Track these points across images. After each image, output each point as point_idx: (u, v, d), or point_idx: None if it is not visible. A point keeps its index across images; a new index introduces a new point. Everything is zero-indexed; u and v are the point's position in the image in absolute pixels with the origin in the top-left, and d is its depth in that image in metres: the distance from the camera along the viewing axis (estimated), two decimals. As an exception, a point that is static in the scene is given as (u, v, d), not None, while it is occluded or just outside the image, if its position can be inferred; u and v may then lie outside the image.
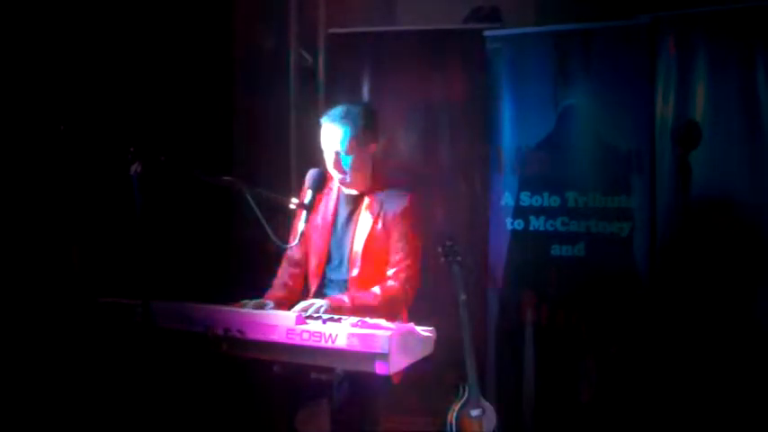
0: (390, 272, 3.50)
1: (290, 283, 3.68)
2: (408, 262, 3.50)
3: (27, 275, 3.98)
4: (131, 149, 2.80)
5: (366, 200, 3.58)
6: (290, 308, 3.39)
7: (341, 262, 3.58)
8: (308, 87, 5.55)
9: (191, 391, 3.93)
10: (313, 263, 3.64)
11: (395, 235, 3.50)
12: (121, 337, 3.27)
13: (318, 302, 3.28)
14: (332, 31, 5.47)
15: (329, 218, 3.63)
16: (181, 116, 4.61)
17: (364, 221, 3.54)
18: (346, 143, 3.47)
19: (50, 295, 4.00)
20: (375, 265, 3.52)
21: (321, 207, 3.65)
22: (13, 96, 3.97)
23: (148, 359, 2.86)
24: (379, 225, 3.51)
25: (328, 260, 3.62)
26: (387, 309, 3.39)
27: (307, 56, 5.53)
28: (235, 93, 5.23)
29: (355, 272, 3.51)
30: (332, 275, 3.61)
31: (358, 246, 3.52)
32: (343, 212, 3.63)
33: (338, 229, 3.62)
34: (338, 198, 3.65)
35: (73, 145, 3.35)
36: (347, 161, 3.50)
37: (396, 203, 3.52)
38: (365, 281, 3.49)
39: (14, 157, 3.97)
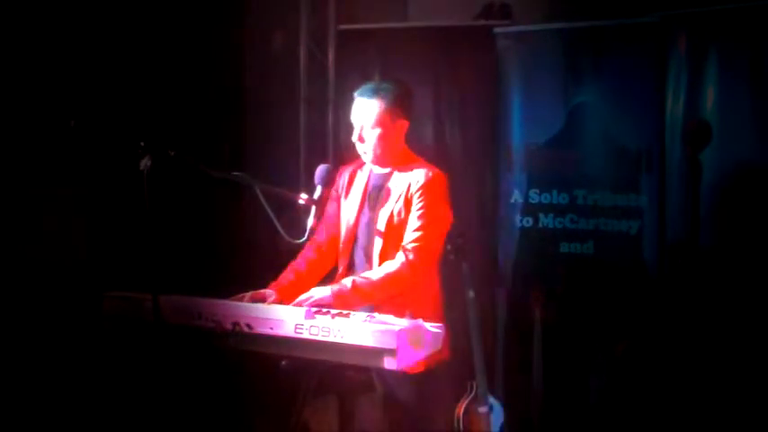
0: (403, 246, 3.41)
1: (302, 270, 3.62)
2: (422, 235, 3.40)
3: (36, 271, 4.00)
4: (141, 144, 2.81)
5: (393, 176, 3.52)
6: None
7: (367, 240, 3.53)
8: (318, 84, 5.56)
9: (199, 386, 3.95)
10: (342, 242, 3.59)
11: (414, 209, 3.43)
12: (130, 331, 3.29)
13: (317, 292, 3.28)
14: (342, 27, 5.47)
15: (359, 197, 3.58)
16: (191, 111, 4.63)
17: (390, 198, 3.48)
18: (373, 117, 3.43)
19: (59, 289, 4.02)
20: (398, 241, 3.44)
21: (353, 186, 3.61)
22: (24, 92, 4.00)
23: (157, 353, 2.87)
24: (402, 201, 3.44)
25: (356, 239, 3.58)
26: (392, 285, 3.36)
27: (317, 52, 5.53)
28: (245, 88, 5.25)
29: (378, 248, 3.47)
30: (360, 254, 3.56)
31: (381, 222, 3.46)
32: (374, 191, 3.56)
33: (366, 208, 3.56)
34: (369, 177, 3.61)
35: (83, 140, 3.36)
36: (371, 135, 3.46)
37: (419, 179, 3.46)
38: (389, 257, 3.43)
39: (25, 152, 4.00)
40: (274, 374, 3.33)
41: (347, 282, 3.33)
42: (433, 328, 3.04)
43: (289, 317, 2.99)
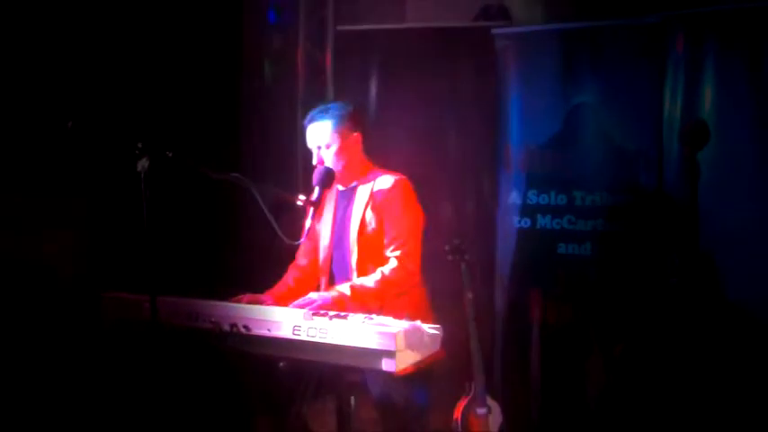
0: (388, 251, 3.48)
1: (292, 285, 3.68)
2: (404, 239, 3.47)
3: (33, 271, 4.00)
4: (139, 145, 2.80)
5: (358, 189, 3.59)
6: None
7: (342, 255, 3.58)
8: (316, 84, 5.56)
9: (197, 387, 3.94)
10: (321, 260, 3.66)
11: (387, 215, 3.49)
12: (128, 332, 3.28)
13: (314, 296, 3.28)
14: (340, 28, 5.47)
15: (330, 215, 3.65)
16: (189, 112, 4.62)
17: (357, 209, 3.54)
18: (327, 136, 3.51)
19: (57, 291, 4.02)
20: (372, 250, 3.51)
21: (325, 208, 3.67)
22: (22, 93, 3.99)
23: (155, 354, 2.87)
24: (370, 209, 3.51)
25: (332, 256, 3.62)
26: (389, 290, 3.40)
27: (315, 53, 5.53)
28: (243, 89, 5.24)
29: (354, 259, 3.51)
30: (337, 269, 3.61)
31: (353, 233, 3.52)
32: (341, 208, 3.64)
33: (338, 225, 3.62)
34: (336, 195, 3.67)
35: (80, 141, 3.36)
36: (328, 154, 3.52)
37: (383, 185, 3.53)
38: (366, 266, 3.49)
39: (22, 154, 3.99)
40: (272, 376, 3.33)
41: (345, 289, 3.34)
42: (431, 329, 3.03)
43: (287, 318, 2.99)
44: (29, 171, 4.02)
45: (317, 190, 3.43)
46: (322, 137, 3.52)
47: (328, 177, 3.47)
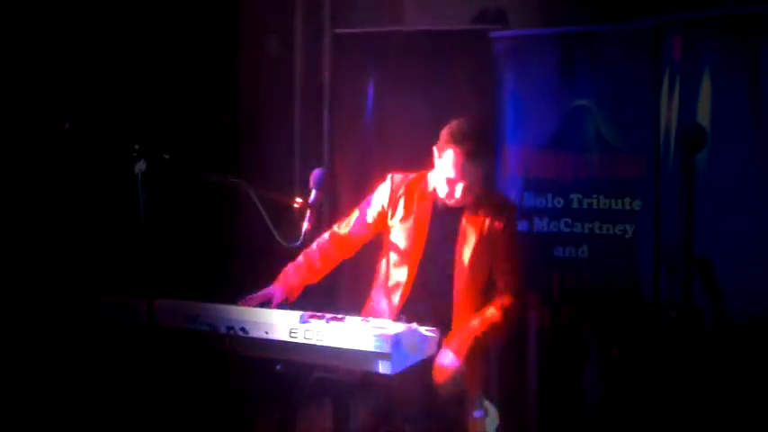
0: (501, 285, 3.49)
1: (318, 266, 3.60)
2: (516, 273, 3.50)
3: (30, 274, 3.99)
4: (136, 147, 2.81)
5: (468, 210, 3.52)
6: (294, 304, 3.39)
7: (441, 274, 3.51)
8: (313, 87, 5.56)
9: (193, 390, 3.94)
10: (399, 272, 3.56)
11: (500, 252, 3.46)
12: (125, 335, 3.28)
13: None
14: (338, 30, 5.47)
15: (425, 226, 3.55)
16: (186, 115, 4.63)
17: (469, 233, 3.48)
18: (473, 173, 3.43)
19: (53, 294, 4.01)
20: (481, 279, 3.49)
21: (413, 212, 3.59)
22: (18, 94, 3.99)
23: (152, 357, 2.87)
24: (484, 237, 3.46)
25: (420, 271, 3.55)
26: (512, 324, 3.50)
27: (313, 55, 5.53)
28: (240, 92, 5.24)
29: (461, 286, 3.47)
30: (427, 286, 3.54)
31: (465, 259, 3.46)
32: (441, 221, 3.55)
33: (433, 239, 3.54)
34: (434, 205, 3.58)
35: (77, 143, 3.36)
36: (461, 185, 3.44)
37: (499, 216, 3.48)
38: (471, 295, 3.47)
39: (18, 155, 3.99)
40: (269, 378, 3.33)
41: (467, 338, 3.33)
42: (427, 331, 3.04)
43: (284, 321, 3.00)
44: (25, 173, 4.02)
45: (313, 192, 3.42)
46: (467, 175, 3.42)
47: (325, 181, 3.47)
